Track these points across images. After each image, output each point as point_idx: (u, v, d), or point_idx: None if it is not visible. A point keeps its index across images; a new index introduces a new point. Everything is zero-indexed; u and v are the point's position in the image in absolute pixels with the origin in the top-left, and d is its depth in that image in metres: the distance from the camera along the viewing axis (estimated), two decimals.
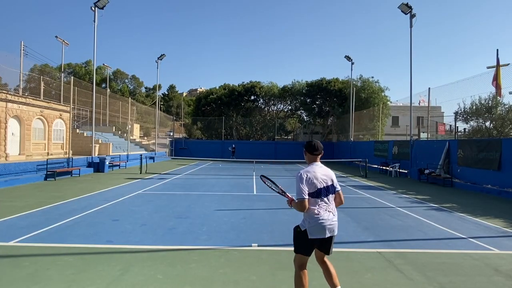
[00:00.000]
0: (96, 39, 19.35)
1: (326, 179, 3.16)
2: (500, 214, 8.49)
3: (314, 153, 3.27)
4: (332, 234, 3.15)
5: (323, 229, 3.07)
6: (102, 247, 5.24)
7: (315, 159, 3.28)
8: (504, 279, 4.25)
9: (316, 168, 3.20)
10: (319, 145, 3.31)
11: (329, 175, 3.22)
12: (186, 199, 9.88)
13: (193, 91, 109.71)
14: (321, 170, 3.20)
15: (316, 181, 3.10)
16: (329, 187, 3.16)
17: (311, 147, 3.29)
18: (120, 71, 63.69)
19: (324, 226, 3.07)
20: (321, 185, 3.11)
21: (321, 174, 3.16)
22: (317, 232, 3.08)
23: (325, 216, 3.09)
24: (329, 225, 3.10)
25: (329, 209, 3.14)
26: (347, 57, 28.65)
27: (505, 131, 14.69)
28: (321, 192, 3.10)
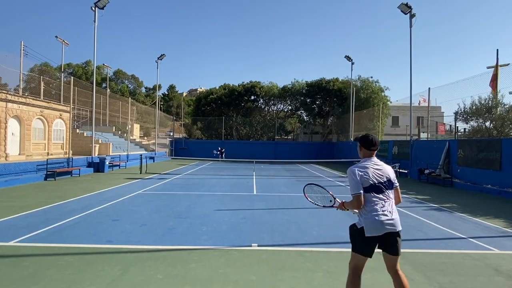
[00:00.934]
0: (96, 39, 19.38)
1: (382, 174, 3.04)
2: (500, 214, 8.49)
3: (371, 148, 3.13)
4: (391, 230, 2.97)
5: (381, 224, 2.92)
6: (102, 247, 5.24)
7: (371, 154, 3.14)
8: (504, 279, 4.25)
9: (371, 163, 3.08)
10: (376, 140, 3.18)
11: (385, 170, 3.09)
12: (186, 199, 9.88)
13: (193, 91, 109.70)
14: (376, 165, 3.08)
15: (371, 176, 2.99)
16: (385, 182, 3.02)
17: (368, 142, 3.14)
18: (120, 71, 63.70)
19: (382, 221, 2.92)
20: (376, 180, 2.99)
21: (375, 169, 3.04)
22: (374, 229, 2.93)
23: (382, 211, 2.94)
24: (387, 220, 2.94)
25: (386, 204, 2.99)
26: (347, 57, 28.65)
27: (505, 131, 14.69)
28: (376, 187, 2.98)
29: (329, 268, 4.51)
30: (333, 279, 4.15)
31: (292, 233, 6.26)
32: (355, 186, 2.98)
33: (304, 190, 3.83)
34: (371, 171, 3.02)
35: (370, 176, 2.99)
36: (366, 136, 3.20)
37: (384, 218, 2.93)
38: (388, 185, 3.05)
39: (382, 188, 3.00)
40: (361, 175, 2.99)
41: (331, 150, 34.75)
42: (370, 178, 2.98)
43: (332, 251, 5.24)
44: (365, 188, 2.97)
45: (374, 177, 3.00)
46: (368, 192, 2.98)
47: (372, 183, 2.98)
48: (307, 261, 4.75)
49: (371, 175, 3.00)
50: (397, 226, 3.03)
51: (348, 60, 28.83)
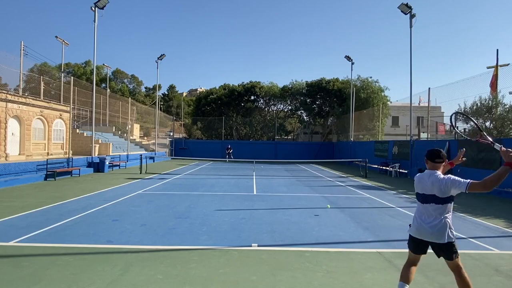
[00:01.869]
0: (96, 39, 19.37)
1: (428, 186, 3.21)
2: (500, 214, 8.49)
3: (436, 161, 3.32)
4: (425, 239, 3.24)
5: (416, 230, 3.27)
6: (102, 247, 5.24)
7: (434, 167, 3.31)
8: (504, 279, 4.25)
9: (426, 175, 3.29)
10: (443, 153, 3.35)
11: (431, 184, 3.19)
12: (186, 199, 9.88)
13: (193, 91, 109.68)
14: (429, 177, 3.24)
15: (419, 185, 3.30)
16: (428, 196, 3.21)
17: (432, 155, 3.35)
18: (120, 71, 63.70)
19: (417, 228, 3.26)
20: (421, 191, 3.27)
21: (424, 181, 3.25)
22: (412, 232, 3.33)
23: (419, 219, 3.25)
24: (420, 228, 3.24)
25: (422, 215, 3.25)
26: (347, 57, 28.64)
27: (505, 131, 14.69)
28: (419, 197, 3.29)
29: (329, 268, 4.51)
30: (333, 279, 4.15)
31: (292, 233, 6.26)
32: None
33: None
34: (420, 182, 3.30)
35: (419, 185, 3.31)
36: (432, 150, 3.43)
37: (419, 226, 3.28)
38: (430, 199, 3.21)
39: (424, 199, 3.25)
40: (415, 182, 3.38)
41: (331, 150, 34.76)
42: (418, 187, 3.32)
43: (332, 251, 5.24)
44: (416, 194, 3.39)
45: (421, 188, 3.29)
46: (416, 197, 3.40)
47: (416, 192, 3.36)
48: (307, 261, 4.75)
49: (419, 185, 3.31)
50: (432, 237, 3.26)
51: (348, 60, 28.84)
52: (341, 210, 8.68)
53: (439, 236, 3.17)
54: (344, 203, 9.75)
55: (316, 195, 11.31)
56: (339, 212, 8.43)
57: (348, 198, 10.77)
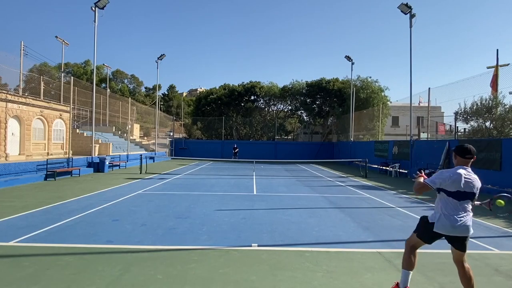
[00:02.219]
0: (96, 39, 19.37)
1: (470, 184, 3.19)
2: None
3: (466, 157, 3.28)
4: (461, 235, 3.27)
5: (450, 228, 3.23)
6: (102, 247, 5.24)
7: (466, 163, 3.29)
8: (504, 279, 4.25)
9: (464, 172, 3.22)
10: (473, 149, 3.29)
11: (473, 182, 3.22)
12: (186, 199, 9.88)
13: (193, 91, 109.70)
14: (469, 175, 3.21)
15: (459, 183, 3.17)
16: (469, 193, 3.21)
17: (464, 151, 3.28)
18: (120, 71, 63.71)
19: (451, 226, 3.22)
20: (461, 188, 3.18)
21: (466, 178, 3.19)
22: (443, 229, 3.26)
23: (454, 217, 3.22)
24: (456, 226, 3.22)
25: (460, 211, 3.25)
26: (347, 57, 28.63)
27: (505, 131, 14.69)
28: (458, 194, 3.20)
29: (329, 268, 4.51)
30: (333, 279, 4.15)
31: (292, 233, 6.26)
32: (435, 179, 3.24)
33: None
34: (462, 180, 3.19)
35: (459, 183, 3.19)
36: (462, 145, 3.36)
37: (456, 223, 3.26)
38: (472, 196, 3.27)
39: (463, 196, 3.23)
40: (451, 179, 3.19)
41: (331, 150, 34.76)
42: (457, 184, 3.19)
43: (332, 251, 5.24)
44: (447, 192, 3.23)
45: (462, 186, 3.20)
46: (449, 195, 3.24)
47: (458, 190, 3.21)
48: (307, 261, 4.75)
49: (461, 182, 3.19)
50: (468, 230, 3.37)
51: (348, 60, 28.83)
52: (341, 210, 8.68)
53: (469, 229, 3.30)
54: (344, 203, 9.75)
55: (316, 195, 11.31)
56: (339, 212, 8.43)
57: (348, 198, 10.77)
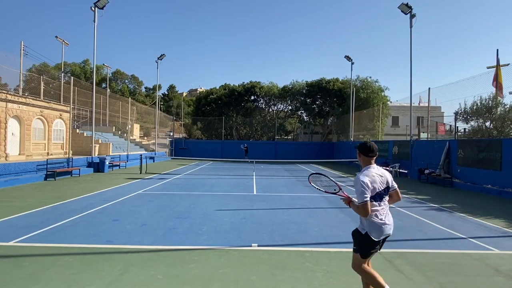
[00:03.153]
0: (96, 39, 19.37)
1: (383, 181, 3.17)
2: (501, 214, 8.49)
3: (369, 155, 3.22)
4: (389, 233, 3.19)
5: (384, 230, 3.12)
6: (102, 247, 5.24)
7: (370, 161, 3.24)
8: (504, 279, 4.25)
9: (374, 170, 3.19)
10: (374, 146, 3.25)
11: (385, 176, 3.22)
12: (186, 199, 9.88)
13: (193, 91, 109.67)
14: (378, 172, 3.20)
15: (376, 184, 3.11)
16: (386, 189, 3.19)
17: (366, 149, 3.23)
18: (120, 72, 63.63)
19: (384, 228, 3.11)
20: (380, 188, 3.13)
21: (379, 177, 3.16)
22: (379, 234, 3.12)
23: (384, 218, 3.13)
24: (388, 225, 3.14)
25: (386, 210, 3.19)
26: (347, 57, 28.64)
27: (505, 131, 14.68)
28: (379, 195, 3.14)
29: (329, 268, 4.51)
30: (333, 279, 4.15)
31: (292, 233, 6.26)
32: (362, 195, 3.05)
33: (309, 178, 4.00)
34: (376, 179, 3.13)
35: (375, 184, 3.11)
36: (364, 143, 3.30)
37: (386, 224, 3.13)
38: (387, 191, 3.23)
39: (384, 195, 3.18)
40: (369, 184, 3.08)
41: (331, 150, 34.75)
42: (375, 186, 3.10)
43: (332, 251, 5.24)
44: (371, 197, 3.09)
45: (379, 185, 3.13)
46: (373, 200, 3.11)
47: (377, 191, 3.12)
48: (307, 261, 4.75)
49: (376, 183, 3.12)
50: (391, 231, 3.21)
51: (348, 60, 28.83)
52: (341, 210, 8.67)
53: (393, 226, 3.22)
54: (344, 203, 9.74)
55: (316, 195, 11.30)
56: (339, 212, 8.42)
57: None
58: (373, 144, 3.25)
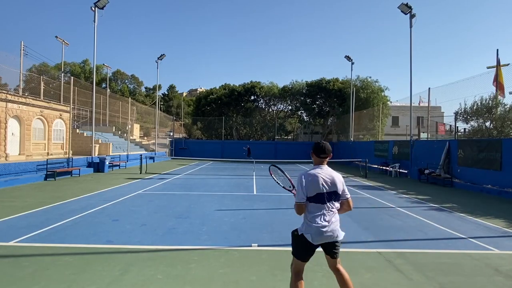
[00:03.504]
0: (96, 39, 19.37)
1: (329, 184, 2.99)
2: (500, 214, 8.48)
3: (321, 156, 3.09)
4: (331, 240, 3.00)
5: (320, 234, 2.94)
6: (102, 247, 5.24)
7: (321, 162, 3.10)
8: (504, 279, 4.25)
9: (320, 171, 3.02)
10: (328, 147, 3.12)
11: (333, 180, 3.02)
12: (186, 199, 9.88)
13: (193, 91, 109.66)
14: (325, 174, 3.02)
15: (317, 185, 2.94)
16: (331, 193, 2.99)
17: (319, 149, 3.10)
18: (120, 71, 63.63)
19: (321, 232, 2.93)
20: (322, 190, 2.95)
21: (324, 179, 2.98)
22: (314, 238, 2.95)
23: (323, 222, 2.94)
24: (327, 231, 2.94)
25: (328, 215, 2.97)
26: (347, 57, 28.63)
27: (506, 131, 14.68)
28: (320, 197, 2.95)
29: (329, 268, 4.49)
30: (333, 279, 4.13)
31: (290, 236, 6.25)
32: (299, 194, 2.98)
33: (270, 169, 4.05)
34: (319, 180, 2.97)
35: (316, 185, 2.95)
36: (317, 143, 3.16)
37: (324, 229, 2.94)
38: (334, 196, 3.02)
39: (327, 198, 2.98)
40: (308, 184, 2.95)
41: (331, 150, 34.70)
42: (316, 187, 2.94)
43: None
44: (310, 198, 2.96)
45: (321, 187, 2.96)
46: (312, 201, 2.96)
47: (318, 192, 2.95)
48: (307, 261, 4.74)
49: (318, 184, 2.95)
50: (337, 235, 3.02)
51: (348, 60, 28.83)
52: None
53: (337, 233, 3.02)
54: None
55: None
56: None
57: None
58: (327, 145, 3.13)
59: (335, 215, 3.04)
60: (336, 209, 3.06)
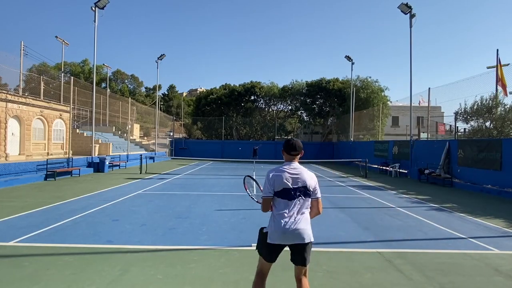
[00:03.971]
0: (96, 39, 19.36)
1: (297, 181, 2.85)
2: (500, 214, 8.49)
3: (291, 153, 2.98)
4: (295, 242, 2.81)
5: (284, 234, 2.78)
6: (102, 247, 5.24)
7: (291, 159, 2.98)
8: (504, 279, 4.25)
9: (287, 167, 2.91)
10: (298, 144, 3.01)
11: (302, 177, 2.87)
12: (186, 199, 9.88)
13: (193, 91, 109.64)
14: (293, 171, 2.89)
15: (284, 181, 2.82)
16: (298, 188, 2.84)
17: (289, 147, 3.00)
18: (120, 71, 63.63)
19: (285, 231, 2.77)
20: (288, 186, 2.82)
21: (291, 175, 2.86)
22: (277, 238, 2.81)
23: (288, 220, 2.78)
24: (291, 230, 2.77)
25: (294, 213, 2.82)
26: (347, 57, 28.64)
27: (506, 131, 14.68)
28: (287, 193, 2.82)
29: (329, 268, 4.50)
30: (333, 279, 4.15)
31: None
32: (265, 188, 2.90)
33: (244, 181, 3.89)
34: (286, 176, 2.85)
35: (283, 180, 2.83)
36: (288, 140, 3.06)
37: (289, 228, 2.78)
38: (302, 193, 2.86)
39: (294, 195, 2.84)
40: (274, 179, 2.85)
41: (331, 150, 34.75)
42: (282, 182, 2.83)
43: (332, 251, 5.24)
44: (277, 193, 2.85)
45: (288, 183, 2.83)
46: (279, 196, 2.85)
47: (284, 188, 2.83)
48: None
49: (285, 179, 2.83)
50: (304, 237, 2.82)
51: (348, 60, 28.83)
52: (341, 210, 8.68)
53: (305, 234, 2.81)
54: (344, 203, 9.75)
55: None
56: (339, 212, 8.42)
57: (348, 198, 10.76)
58: (297, 142, 3.02)
59: (303, 215, 2.86)
60: (306, 208, 2.89)
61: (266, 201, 2.89)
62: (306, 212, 2.89)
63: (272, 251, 2.89)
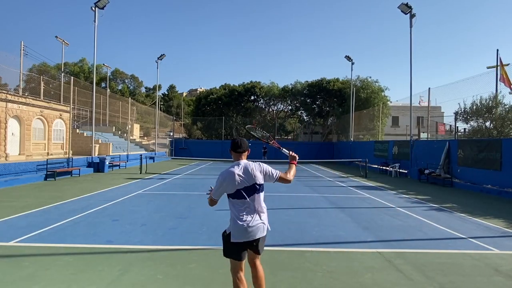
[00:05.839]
0: (96, 39, 19.37)
1: (247, 178, 2.95)
2: (500, 214, 8.49)
3: (237, 151, 3.10)
4: (257, 237, 2.96)
5: (245, 231, 2.91)
6: (102, 247, 5.24)
7: (239, 157, 3.10)
8: (504, 279, 4.25)
9: (236, 168, 3.00)
10: (244, 142, 3.15)
11: (251, 173, 2.97)
12: (186, 199, 9.88)
13: (193, 91, 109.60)
14: (242, 171, 2.98)
15: (234, 182, 2.93)
16: (250, 187, 2.96)
17: (235, 145, 3.12)
18: (119, 71, 63.60)
19: (246, 228, 2.90)
20: (240, 185, 2.93)
21: (240, 174, 2.95)
22: (239, 235, 2.92)
23: (247, 218, 2.93)
24: (252, 227, 2.92)
25: (251, 210, 2.96)
26: (347, 57, 28.63)
27: (505, 131, 14.68)
28: (241, 194, 2.94)
29: (329, 268, 4.50)
30: (333, 279, 4.15)
31: (292, 233, 6.26)
32: (216, 192, 3.09)
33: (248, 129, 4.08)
34: (235, 176, 2.94)
35: (234, 181, 2.94)
36: (233, 140, 3.20)
37: (249, 225, 2.93)
38: (255, 188, 2.99)
39: (247, 192, 2.96)
40: (224, 181, 2.98)
41: (331, 150, 34.74)
42: (233, 183, 2.94)
43: (332, 251, 5.24)
44: (230, 195, 2.99)
45: (239, 183, 2.94)
46: (233, 197, 2.98)
47: (236, 189, 2.95)
48: (307, 261, 4.75)
49: (235, 180, 2.94)
50: (262, 231, 3.01)
51: (348, 60, 28.83)
52: (341, 210, 8.68)
53: (264, 228, 3.02)
54: (344, 203, 9.75)
55: (316, 195, 11.31)
56: (339, 212, 8.42)
57: (348, 198, 10.77)
58: (243, 140, 3.15)
59: (260, 209, 3.02)
60: (261, 204, 3.04)
61: (213, 201, 3.20)
62: (262, 206, 3.07)
63: (240, 249, 3.00)
